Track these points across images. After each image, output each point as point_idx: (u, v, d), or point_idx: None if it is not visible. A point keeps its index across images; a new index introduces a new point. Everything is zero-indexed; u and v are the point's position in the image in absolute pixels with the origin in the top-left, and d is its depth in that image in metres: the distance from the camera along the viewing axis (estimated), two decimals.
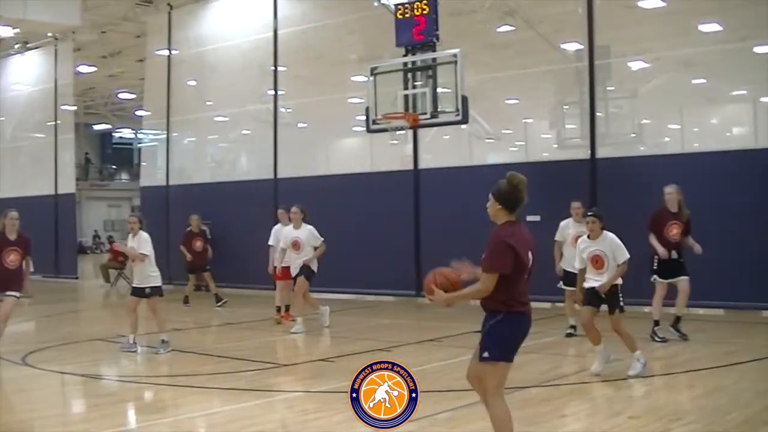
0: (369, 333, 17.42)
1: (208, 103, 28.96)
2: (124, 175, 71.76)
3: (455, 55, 16.93)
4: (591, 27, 19.63)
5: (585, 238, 12.18)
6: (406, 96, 17.51)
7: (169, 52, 28.96)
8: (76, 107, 40.38)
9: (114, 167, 72.30)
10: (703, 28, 19.26)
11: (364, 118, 18.35)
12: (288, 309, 18.41)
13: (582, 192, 17.76)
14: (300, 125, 27.03)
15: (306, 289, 17.27)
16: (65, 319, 21.23)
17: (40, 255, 14.24)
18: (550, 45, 21.19)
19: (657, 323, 14.57)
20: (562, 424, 9.45)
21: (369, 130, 18.41)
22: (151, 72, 30.49)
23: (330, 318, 17.48)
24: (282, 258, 17.64)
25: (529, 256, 7.24)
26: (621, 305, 11.99)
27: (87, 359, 14.51)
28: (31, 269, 14.10)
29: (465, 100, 16.75)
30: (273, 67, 25.77)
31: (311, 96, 25.43)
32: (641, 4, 20.11)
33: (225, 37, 27.39)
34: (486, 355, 7.19)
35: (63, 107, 34.17)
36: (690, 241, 14.53)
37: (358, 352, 13.95)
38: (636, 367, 11.71)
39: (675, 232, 14.49)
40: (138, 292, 14.96)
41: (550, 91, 22.26)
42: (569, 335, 15.14)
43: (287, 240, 17.35)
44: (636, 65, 20.60)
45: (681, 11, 19.60)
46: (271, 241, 18.58)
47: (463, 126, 18.74)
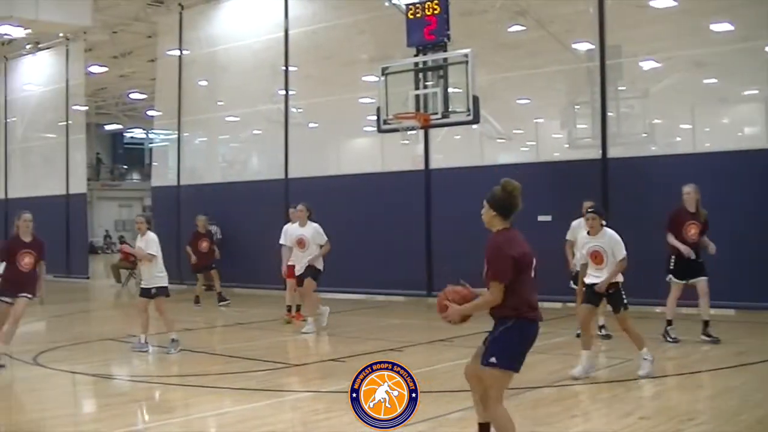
0: (380, 333, 17.42)
1: (219, 103, 28.99)
2: (135, 175, 71.88)
3: (466, 55, 16.93)
4: (602, 27, 19.61)
5: (585, 234, 12.22)
6: (417, 96, 17.51)
7: (181, 52, 29.01)
8: (87, 107, 40.40)
9: (125, 167, 72.42)
10: (715, 27, 19.22)
11: (375, 118, 18.35)
12: (299, 309, 18.42)
13: (593, 192, 17.72)
14: (311, 125, 27.04)
15: (313, 289, 17.34)
16: (76, 319, 21.27)
17: (51, 255, 14.20)
18: (561, 45, 21.16)
19: (670, 323, 14.52)
20: (573, 424, 9.43)
21: (380, 130, 18.42)
22: (163, 72, 30.53)
23: (328, 318, 17.39)
24: (288, 256, 17.69)
25: (528, 259, 7.28)
26: (625, 303, 12.00)
27: (98, 359, 14.54)
28: (45, 273, 14.11)
29: (476, 100, 16.74)
30: (284, 67, 25.78)
31: (322, 96, 25.42)
32: (652, 3, 20.08)
33: (236, 37, 27.41)
34: (493, 361, 7.19)
35: (74, 107, 34.23)
36: (705, 241, 14.48)
37: (368, 352, 13.91)
38: (645, 366, 11.70)
39: (693, 232, 14.37)
40: (145, 292, 15.05)
41: (561, 91, 22.24)
42: (579, 335, 15.09)
43: (292, 238, 17.44)
44: (647, 65, 20.55)
45: (692, 11, 19.56)
46: (282, 240, 18.59)
47: (474, 126, 18.71)
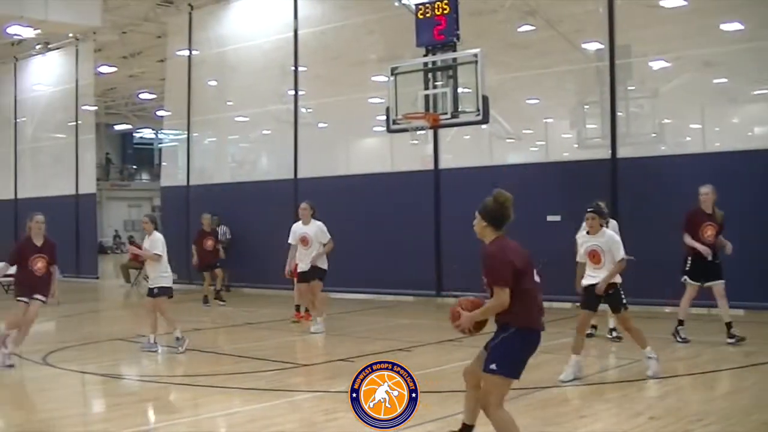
0: (389, 333, 17.41)
1: (228, 104, 29.01)
2: (144, 175, 72.03)
3: (476, 55, 16.90)
4: (612, 26, 19.59)
5: (584, 233, 12.12)
6: (426, 96, 17.49)
7: (190, 52, 29.04)
8: (96, 107, 40.48)
9: (135, 167, 72.57)
10: (725, 27, 19.16)
11: (384, 118, 18.34)
12: (308, 309, 18.41)
13: (602, 192, 17.68)
14: (320, 125, 27.05)
15: (320, 290, 17.44)
16: (86, 319, 21.30)
17: (60, 255, 14.17)
18: (570, 45, 21.14)
19: (681, 323, 14.48)
20: (582, 424, 9.42)
21: (389, 130, 18.40)
22: (172, 72, 30.57)
23: (321, 327, 17.07)
24: (294, 254, 17.64)
25: (525, 263, 7.33)
26: (624, 303, 11.99)
27: (107, 359, 14.55)
28: (59, 275, 14.12)
29: (485, 100, 16.71)
30: (293, 68, 25.79)
31: (331, 96, 25.43)
32: (662, 3, 20.06)
33: (245, 38, 27.43)
34: (493, 368, 7.24)
35: (84, 107, 34.29)
36: (722, 241, 14.37)
37: (377, 352, 13.91)
38: (652, 365, 11.67)
39: (710, 233, 14.25)
40: (151, 292, 15.15)
41: (570, 91, 22.19)
42: (589, 335, 15.04)
43: (296, 236, 17.44)
44: (657, 65, 20.52)
45: (702, 10, 19.52)
46: (291, 240, 18.55)
47: (484, 126, 18.70)
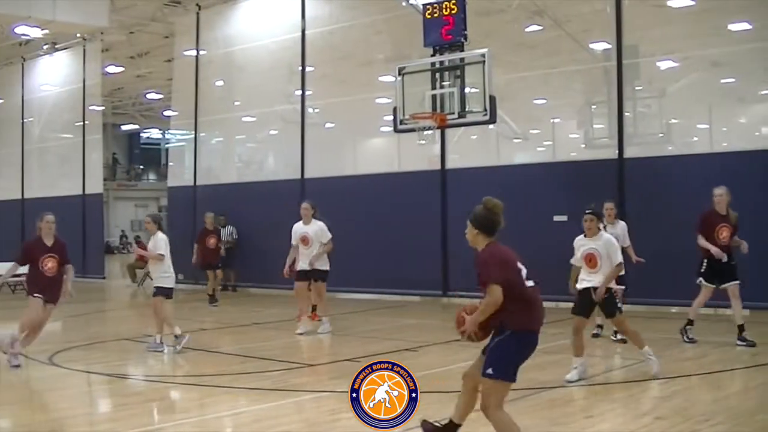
0: (395, 333, 17.40)
1: (235, 104, 29.07)
2: (151, 175, 72.20)
3: (483, 55, 16.90)
4: (619, 26, 19.58)
5: (582, 236, 11.99)
6: (433, 96, 17.50)
7: (197, 52, 29.06)
8: (104, 107, 40.59)
9: (141, 167, 72.74)
10: (732, 27, 19.16)
11: (391, 118, 18.34)
12: (314, 309, 18.39)
13: (609, 192, 17.67)
14: (327, 125, 27.07)
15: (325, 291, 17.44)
16: (92, 319, 21.31)
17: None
18: (578, 44, 21.12)
19: (691, 323, 14.43)
20: (588, 424, 9.40)
21: (396, 130, 18.41)
22: (179, 72, 30.62)
23: (307, 328, 17.01)
24: (294, 255, 17.49)
25: (519, 266, 7.39)
26: (619, 307, 11.99)
27: (114, 359, 14.54)
28: (72, 274, 14.11)
29: (493, 99, 16.71)
30: (300, 68, 25.81)
31: (339, 96, 25.44)
32: (670, 3, 20.04)
33: (253, 38, 27.45)
34: (489, 372, 7.25)
35: (91, 107, 34.36)
36: (737, 240, 14.29)
37: (384, 352, 13.90)
38: (653, 365, 11.64)
39: (725, 234, 14.15)
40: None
41: (578, 91, 22.18)
42: (595, 336, 15.02)
43: (296, 236, 17.24)
44: (664, 65, 20.51)
45: (710, 10, 19.51)
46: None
47: (491, 126, 18.72)
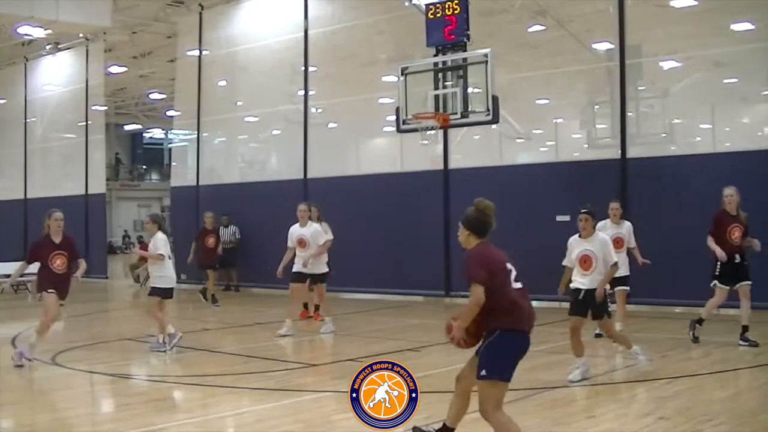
0: (398, 333, 17.39)
1: (238, 104, 29.05)
2: (154, 175, 72.19)
3: (486, 55, 16.93)
4: (622, 26, 19.56)
5: (576, 237, 11.90)
6: (436, 96, 17.52)
7: (200, 52, 29.06)
8: (106, 107, 40.57)
9: (144, 167, 72.74)
10: (735, 27, 19.14)
11: (394, 118, 18.38)
12: (317, 309, 18.40)
13: (612, 192, 17.67)
14: (330, 125, 27.08)
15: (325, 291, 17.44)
16: (95, 319, 21.31)
17: None
18: (581, 44, 21.11)
19: (700, 322, 14.34)
20: (591, 424, 9.39)
21: (399, 130, 18.44)
22: (182, 72, 30.62)
23: (290, 331, 16.68)
24: (289, 257, 17.10)
25: (508, 267, 7.40)
26: (608, 311, 11.91)
27: (116, 359, 14.54)
28: (85, 267, 14.15)
29: (495, 99, 16.73)
30: (303, 68, 25.78)
31: (341, 96, 25.44)
32: (673, 3, 20.05)
33: (256, 38, 27.44)
34: (484, 374, 7.26)
35: (94, 108, 34.35)
36: (749, 240, 14.16)
37: (387, 352, 13.90)
38: (641, 361, 11.77)
39: (737, 235, 14.06)
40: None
41: (580, 91, 22.17)
42: (598, 335, 14.92)
43: (293, 238, 16.95)
44: (667, 65, 20.48)
45: (712, 10, 19.48)
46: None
47: (494, 126, 18.71)
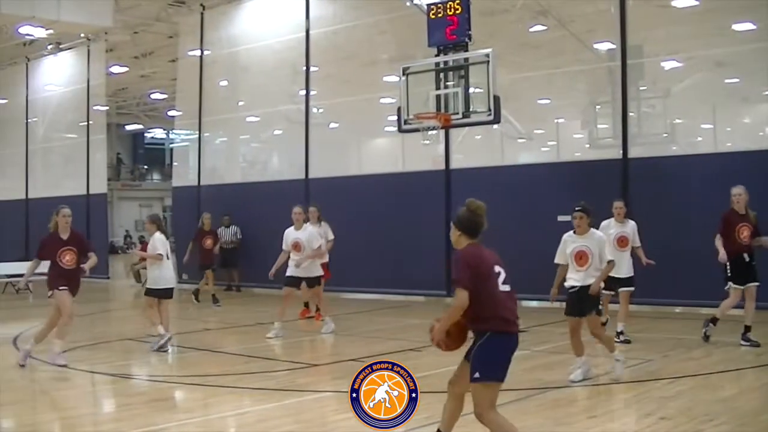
0: (399, 333, 17.39)
1: (240, 103, 29.05)
2: (155, 175, 72.19)
3: (487, 55, 16.93)
4: (624, 26, 19.54)
5: (571, 233, 11.73)
6: (438, 96, 17.52)
7: (202, 52, 29.05)
8: (108, 107, 40.57)
9: (146, 167, 72.73)
10: (737, 27, 19.12)
11: (395, 118, 18.37)
12: (318, 309, 18.42)
13: (614, 192, 17.65)
14: (332, 125, 27.07)
15: (320, 291, 17.53)
16: (96, 319, 21.28)
17: None
18: (582, 44, 21.10)
19: (715, 322, 14.30)
20: (593, 424, 9.39)
21: (401, 130, 18.43)
22: (184, 72, 30.62)
23: (278, 334, 16.62)
24: (284, 260, 16.96)
25: (497, 270, 7.43)
26: (599, 308, 11.87)
27: (118, 359, 14.56)
28: (95, 261, 14.20)
29: (497, 99, 16.72)
30: (305, 68, 25.77)
31: (343, 96, 25.42)
32: (674, 3, 20.05)
33: (257, 38, 27.43)
34: (477, 376, 7.25)
35: (95, 107, 34.32)
36: (759, 239, 14.16)
37: (388, 352, 13.91)
38: (618, 368, 11.57)
39: (746, 234, 14.04)
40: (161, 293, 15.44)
41: (582, 91, 22.15)
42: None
43: (287, 241, 16.83)
44: (669, 65, 20.46)
45: (714, 10, 19.47)
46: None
47: (495, 126, 18.71)
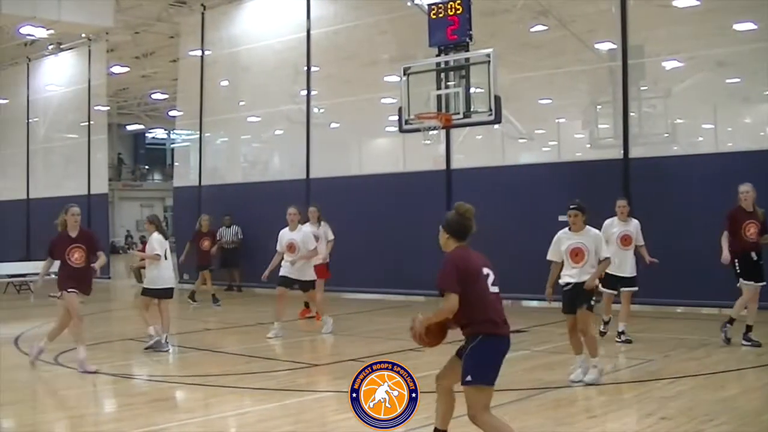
0: (400, 333, 17.18)
1: (240, 104, 29.05)
2: (156, 176, 72.23)
3: (488, 55, 16.92)
4: (624, 26, 19.54)
5: (566, 230, 11.66)
6: (438, 96, 17.52)
7: (203, 52, 29.06)
8: (109, 108, 40.52)
9: (147, 167, 72.77)
10: (738, 27, 19.13)
11: (396, 118, 18.37)
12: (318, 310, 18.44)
13: (615, 192, 17.64)
14: (333, 125, 27.07)
15: (319, 292, 17.70)
16: (98, 319, 21.24)
17: None
18: (583, 44, 21.09)
19: (731, 323, 14.23)
20: (593, 424, 9.40)
21: (402, 130, 18.43)
22: (185, 72, 30.62)
23: (278, 334, 16.64)
24: (278, 261, 16.98)
25: (485, 272, 7.36)
26: (591, 304, 11.61)
27: (119, 359, 14.58)
28: (105, 260, 14.27)
29: (498, 99, 16.72)
30: (306, 68, 25.76)
31: (344, 96, 25.42)
32: (675, 3, 20.05)
33: (258, 38, 27.43)
34: (469, 379, 7.26)
35: (96, 108, 34.33)
36: (765, 238, 14.12)
37: (388, 352, 13.92)
38: (592, 373, 11.31)
39: (753, 231, 14.01)
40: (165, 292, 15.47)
41: (583, 91, 22.15)
42: (601, 334, 14.97)
43: (282, 243, 16.77)
44: (670, 65, 20.47)
45: (715, 10, 19.48)
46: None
47: (496, 126, 18.72)
